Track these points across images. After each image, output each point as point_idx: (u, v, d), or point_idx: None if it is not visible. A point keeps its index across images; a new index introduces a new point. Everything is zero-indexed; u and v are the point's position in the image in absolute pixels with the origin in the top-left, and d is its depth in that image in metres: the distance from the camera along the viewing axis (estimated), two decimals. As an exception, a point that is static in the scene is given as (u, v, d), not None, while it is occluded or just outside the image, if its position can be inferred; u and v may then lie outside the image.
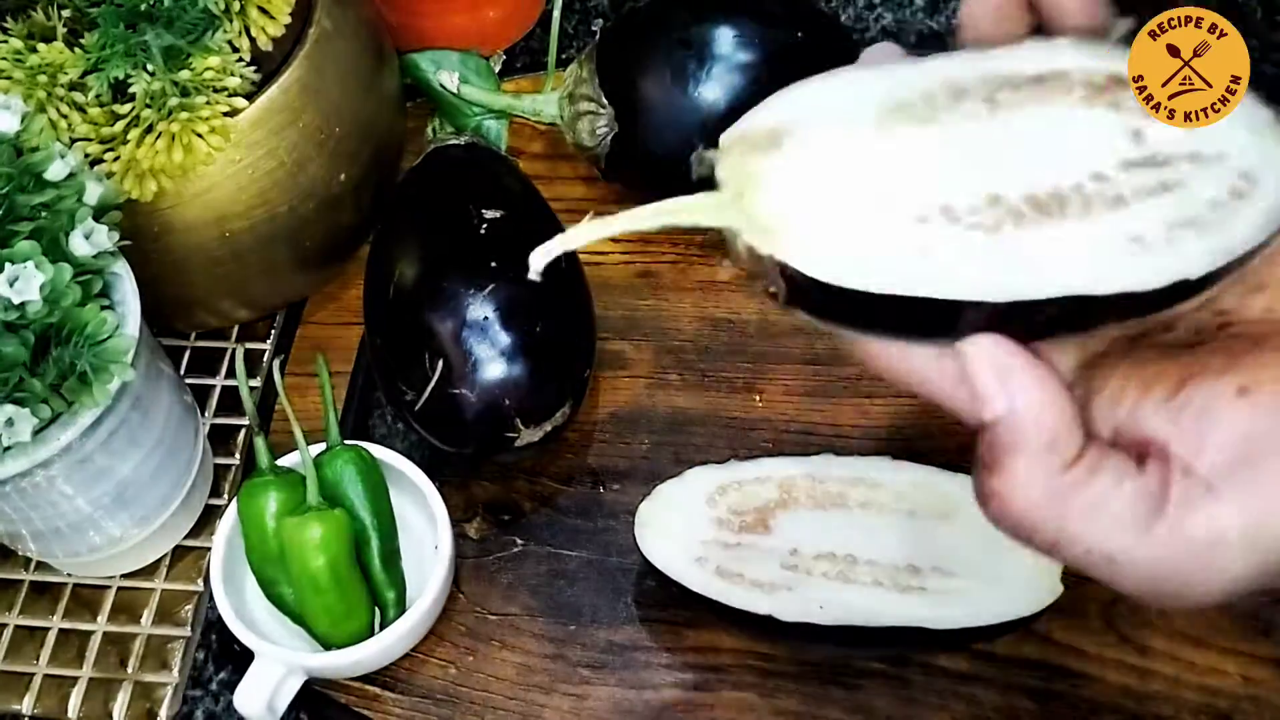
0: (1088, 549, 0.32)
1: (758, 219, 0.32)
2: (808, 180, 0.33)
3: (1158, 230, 0.32)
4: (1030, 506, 0.32)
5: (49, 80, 0.53)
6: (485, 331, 0.58)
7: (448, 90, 0.72)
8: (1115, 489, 0.32)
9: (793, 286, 0.32)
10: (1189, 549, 0.31)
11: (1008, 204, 0.32)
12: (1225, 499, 0.31)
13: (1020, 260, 0.31)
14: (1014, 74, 0.34)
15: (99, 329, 0.50)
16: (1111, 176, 0.33)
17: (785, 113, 0.34)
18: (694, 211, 0.33)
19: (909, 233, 0.32)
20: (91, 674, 0.60)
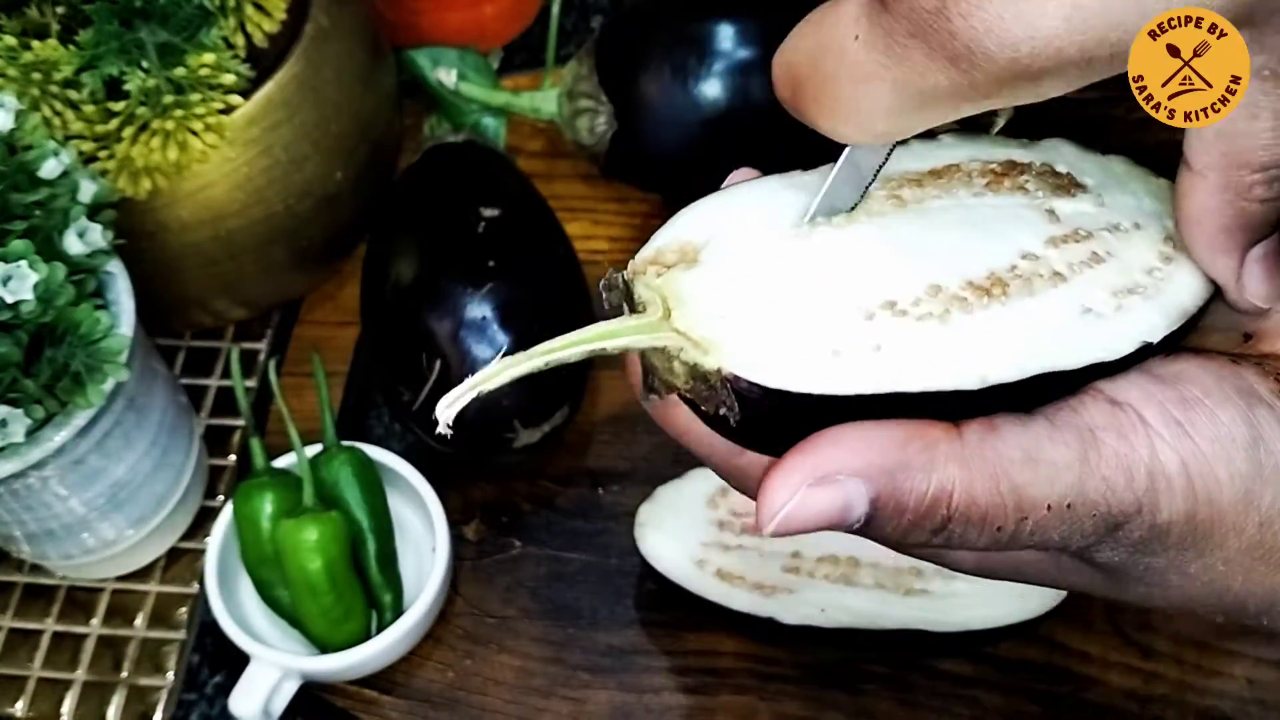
0: (1046, 504, 0.30)
1: (696, 335, 0.30)
2: (740, 289, 0.31)
3: (1106, 299, 0.32)
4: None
5: (43, 77, 0.53)
6: (483, 331, 0.58)
7: (445, 87, 0.72)
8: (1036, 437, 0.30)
9: (747, 401, 0.29)
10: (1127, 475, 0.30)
11: (950, 292, 0.31)
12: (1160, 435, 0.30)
13: (983, 345, 0.30)
14: (910, 170, 0.34)
15: (93, 329, 0.49)
16: (1042, 254, 0.32)
17: (695, 229, 0.32)
18: (623, 335, 0.31)
19: (861, 330, 0.30)
20: (86, 677, 0.60)
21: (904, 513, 0.29)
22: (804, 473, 0.29)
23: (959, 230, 0.32)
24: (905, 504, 0.29)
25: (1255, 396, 0.31)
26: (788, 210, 0.33)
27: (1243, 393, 0.31)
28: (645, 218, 0.71)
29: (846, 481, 0.29)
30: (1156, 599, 0.33)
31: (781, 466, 0.29)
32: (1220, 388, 0.31)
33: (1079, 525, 0.30)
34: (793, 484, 0.29)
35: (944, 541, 0.30)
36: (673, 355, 0.30)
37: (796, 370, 0.29)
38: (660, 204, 0.71)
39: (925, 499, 0.29)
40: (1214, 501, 0.30)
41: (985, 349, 0.30)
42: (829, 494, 0.29)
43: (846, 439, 0.29)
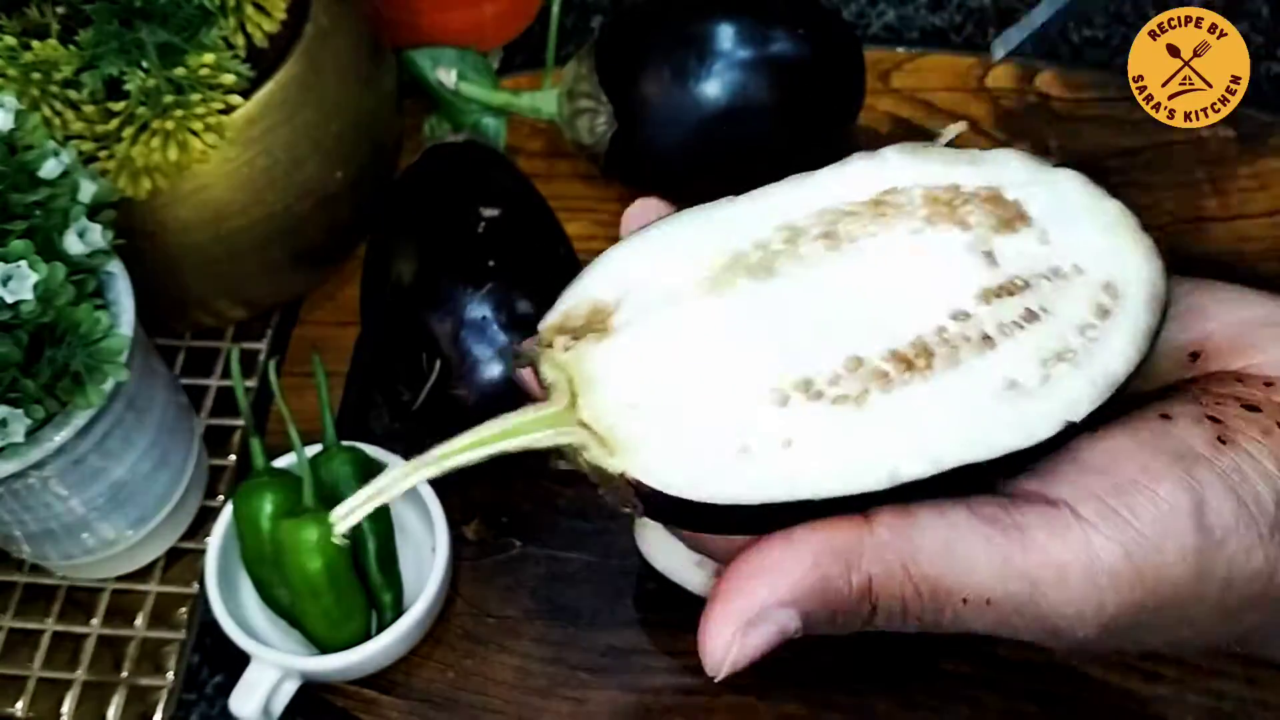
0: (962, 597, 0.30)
1: (601, 432, 0.29)
2: (648, 372, 0.30)
3: (1032, 370, 0.30)
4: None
5: (43, 77, 0.53)
6: (483, 331, 0.58)
7: (445, 87, 0.72)
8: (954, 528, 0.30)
9: (651, 503, 0.29)
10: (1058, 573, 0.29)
11: (870, 365, 0.30)
12: (1097, 529, 0.30)
13: (894, 435, 0.29)
14: (848, 202, 0.32)
15: (93, 329, 0.49)
16: (973, 312, 0.31)
17: (607, 286, 0.31)
18: (524, 434, 0.30)
19: (771, 424, 0.29)
20: (86, 677, 0.60)
21: (834, 618, 0.30)
22: (735, 620, 0.30)
23: (888, 283, 0.31)
24: (833, 611, 0.30)
25: (1192, 458, 0.30)
26: (706, 257, 0.31)
27: (1180, 457, 0.30)
28: (645, 218, 0.71)
29: (776, 614, 0.30)
30: (1131, 650, 0.33)
31: (713, 619, 0.30)
32: (1155, 461, 0.30)
33: (1004, 620, 0.30)
34: (729, 634, 0.30)
35: (872, 627, 0.31)
36: (577, 452, 0.30)
37: (702, 477, 0.28)
38: (660, 204, 0.71)
39: (850, 602, 0.30)
40: (1164, 581, 0.29)
41: (898, 439, 0.29)
42: (764, 631, 0.30)
43: (767, 571, 0.30)
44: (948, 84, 0.76)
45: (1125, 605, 0.29)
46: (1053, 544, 0.29)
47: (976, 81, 0.76)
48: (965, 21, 0.80)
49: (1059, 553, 0.29)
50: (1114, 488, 0.30)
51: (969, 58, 0.76)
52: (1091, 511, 0.30)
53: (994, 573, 0.29)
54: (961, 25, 0.80)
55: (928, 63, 0.76)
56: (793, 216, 0.32)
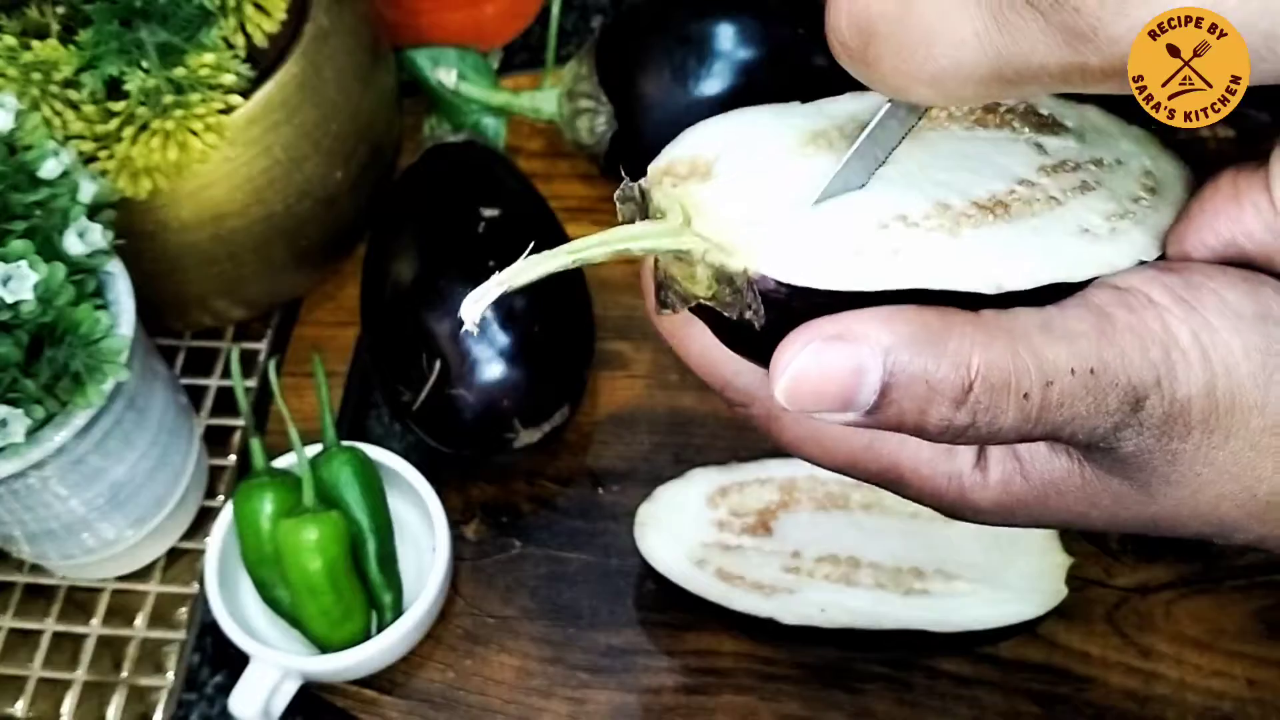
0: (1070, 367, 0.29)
1: (720, 238, 0.30)
2: (755, 198, 0.31)
3: (1100, 222, 0.32)
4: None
5: (43, 78, 0.53)
6: (483, 331, 0.58)
7: (445, 87, 0.72)
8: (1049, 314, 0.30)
9: (772, 303, 0.29)
10: (1140, 342, 0.29)
11: (957, 209, 0.31)
12: (1169, 310, 0.30)
13: (994, 254, 0.30)
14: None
15: (93, 329, 0.49)
16: (1037, 181, 0.33)
17: (704, 145, 0.33)
18: (647, 238, 0.30)
19: (878, 237, 0.30)
20: (86, 677, 0.60)
21: (922, 379, 0.28)
22: (816, 332, 0.28)
23: (957, 158, 0.33)
24: (923, 369, 0.28)
25: (1261, 280, 0.31)
26: (790, 131, 0.33)
27: (1248, 277, 0.31)
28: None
29: (861, 342, 0.28)
30: (1188, 510, 0.32)
31: (795, 331, 0.29)
32: (1224, 272, 0.31)
33: (1103, 399, 0.29)
34: (806, 338, 0.28)
35: (968, 419, 0.29)
36: (695, 260, 0.30)
37: (822, 269, 0.29)
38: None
39: (944, 362, 0.28)
40: (1231, 373, 0.29)
41: (997, 258, 0.30)
42: (842, 352, 0.28)
43: (864, 311, 0.29)
44: (948, 84, 0.76)
45: (1196, 385, 0.29)
46: (1134, 319, 0.30)
47: (976, 81, 0.75)
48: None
49: (1140, 326, 0.29)
50: (1184, 282, 0.30)
51: (969, 58, 0.76)
52: (1163, 296, 0.30)
53: (1092, 344, 0.29)
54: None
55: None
56: (859, 112, 0.34)
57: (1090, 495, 0.32)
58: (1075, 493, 0.32)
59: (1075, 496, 0.32)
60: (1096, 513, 0.33)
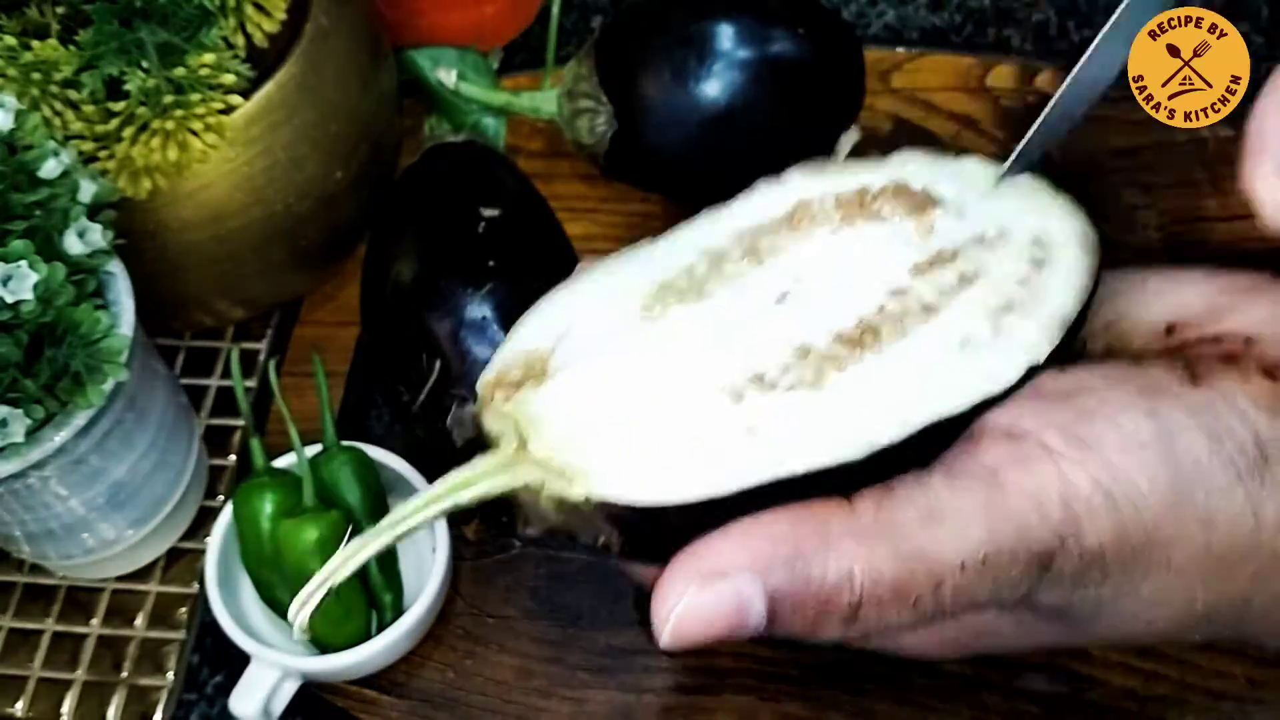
0: (959, 562, 0.27)
1: (557, 462, 0.28)
2: (595, 399, 0.29)
3: (981, 325, 0.30)
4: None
5: (43, 77, 0.53)
6: (483, 331, 0.58)
7: (445, 87, 0.72)
8: (934, 494, 0.28)
9: (625, 525, 0.27)
10: (1038, 506, 0.28)
11: (820, 352, 0.29)
12: (1064, 456, 0.28)
13: (860, 406, 0.28)
14: (763, 221, 0.32)
15: (93, 329, 0.49)
16: (909, 287, 0.31)
17: (538, 336, 0.31)
18: (479, 482, 0.29)
19: (730, 416, 0.28)
20: (86, 677, 0.60)
21: (807, 603, 0.27)
22: (689, 576, 0.27)
23: (819, 280, 0.31)
24: (806, 593, 0.27)
25: (1159, 391, 0.29)
26: (633, 291, 0.31)
27: (1145, 391, 0.29)
28: (645, 218, 0.71)
29: (737, 577, 0.27)
30: (1129, 635, 0.31)
31: (667, 574, 0.27)
32: (1118, 392, 0.29)
33: (1004, 575, 0.28)
34: (679, 589, 0.27)
35: (862, 632, 0.28)
36: (536, 490, 0.28)
37: (668, 480, 0.27)
38: (661, 204, 0.71)
39: (826, 583, 0.27)
40: (1141, 510, 0.28)
41: (865, 410, 0.28)
42: (719, 592, 0.27)
43: (731, 536, 0.27)
44: (948, 84, 0.76)
45: (1105, 536, 0.28)
46: (1026, 479, 0.28)
47: (977, 81, 0.75)
48: (965, 21, 0.80)
49: (1034, 486, 0.28)
50: (1077, 416, 0.29)
51: (969, 58, 0.76)
52: (1056, 440, 0.28)
53: (981, 527, 0.28)
54: (961, 25, 0.80)
55: (928, 63, 0.76)
56: (713, 243, 0.32)
57: (1024, 632, 0.31)
58: (1009, 634, 0.32)
59: (1007, 637, 0.32)
60: (1034, 642, 0.32)
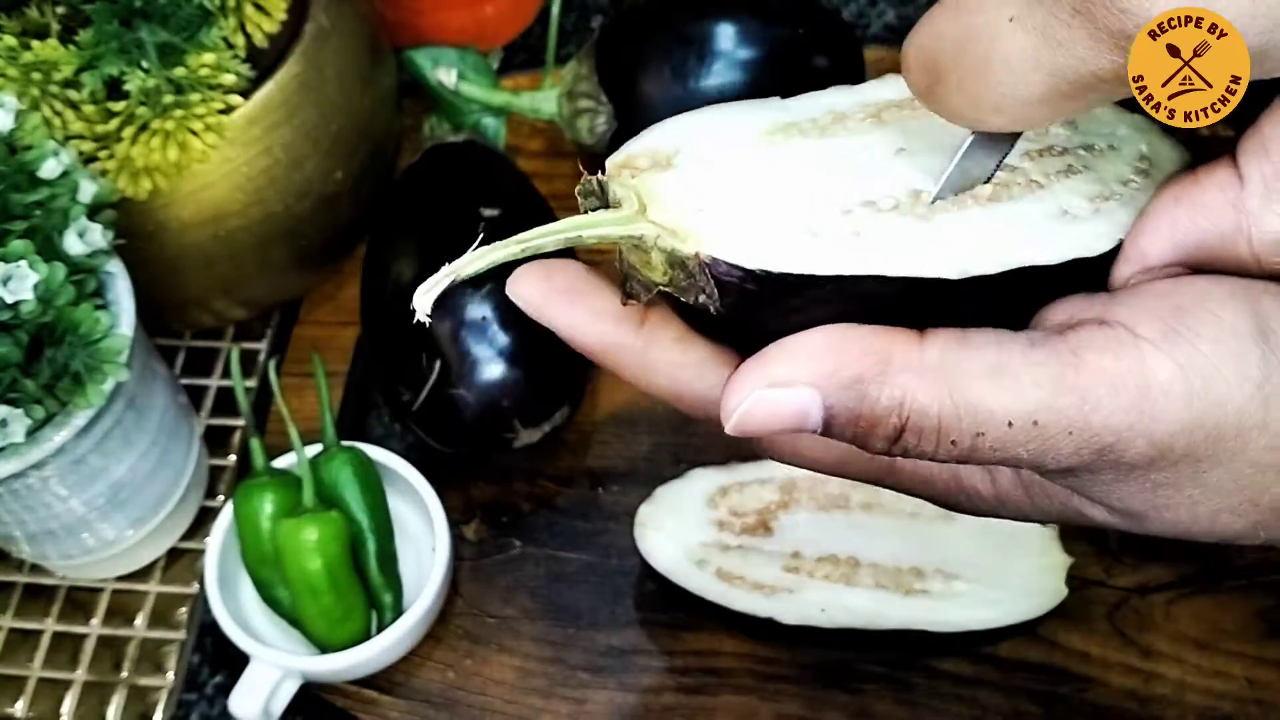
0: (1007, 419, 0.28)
1: (672, 223, 0.30)
2: (714, 185, 0.31)
3: (1082, 204, 0.32)
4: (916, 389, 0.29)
5: (43, 78, 0.53)
6: (483, 331, 0.58)
7: (445, 87, 0.72)
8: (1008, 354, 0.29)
9: (726, 287, 0.29)
10: (1111, 386, 0.28)
11: (929, 196, 0.31)
12: (1155, 345, 0.29)
13: (961, 239, 0.30)
14: (890, 98, 0.34)
15: (93, 329, 0.49)
16: (1019, 165, 0.32)
17: (668, 138, 0.32)
18: (598, 225, 0.30)
19: (837, 220, 0.30)
20: (86, 677, 0.60)
21: (858, 421, 0.29)
22: (760, 377, 0.29)
23: (938, 146, 0.32)
24: (858, 413, 0.29)
25: (1259, 289, 0.30)
26: (758, 123, 0.33)
27: (1246, 288, 0.30)
28: (645, 218, 0.71)
29: (800, 389, 0.29)
30: (1184, 525, 0.31)
31: (736, 375, 0.29)
32: (1219, 288, 0.30)
33: (1051, 444, 0.29)
34: (750, 385, 0.29)
35: (903, 451, 0.30)
36: (649, 246, 0.30)
37: (774, 251, 0.29)
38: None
39: (878, 408, 0.29)
40: (1224, 403, 0.28)
41: (966, 242, 0.30)
42: (782, 397, 0.29)
43: (804, 346, 0.29)
44: (948, 84, 0.76)
45: (1179, 423, 0.28)
46: (1107, 360, 0.28)
47: (976, 81, 0.75)
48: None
49: (1113, 367, 0.28)
50: (1174, 308, 0.29)
51: (969, 58, 0.76)
52: (1150, 330, 0.29)
53: (1044, 394, 0.28)
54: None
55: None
56: (839, 105, 0.33)
57: (1078, 509, 0.32)
58: (1063, 502, 0.32)
59: (1064, 505, 0.32)
60: (1088, 520, 0.32)
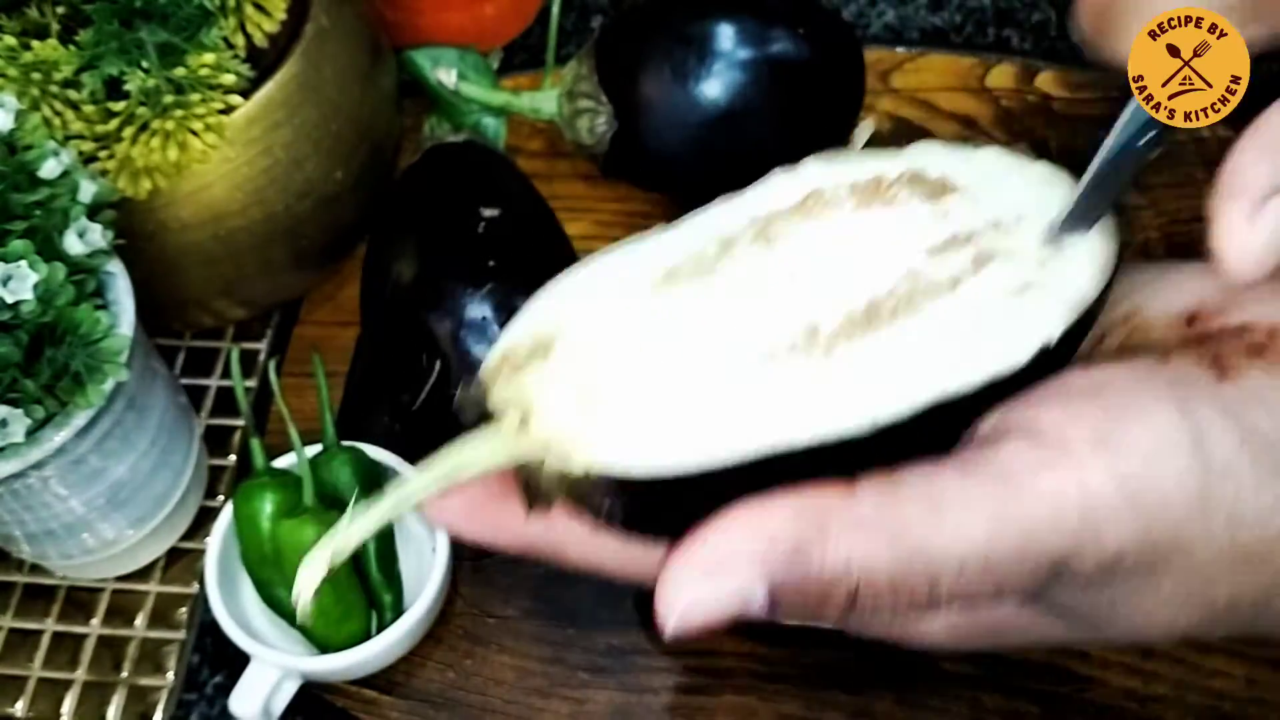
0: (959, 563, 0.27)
1: (557, 437, 0.28)
2: (597, 372, 0.28)
3: (996, 304, 0.29)
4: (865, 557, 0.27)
5: (43, 77, 0.53)
6: (483, 331, 0.58)
7: (445, 87, 0.72)
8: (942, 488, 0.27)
9: (626, 497, 0.27)
10: (1053, 512, 0.27)
11: (828, 329, 0.29)
12: (1087, 459, 0.27)
13: (866, 380, 0.28)
14: (775, 208, 0.32)
15: (93, 329, 0.49)
16: (923, 269, 0.30)
17: (544, 318, 0.30)
18: (479, 457, 0.28)
19: (734, 388, 0.28)
20: (86, 677, 0.60)
21: (806, 592, 0.27)
22: (692, 570, 0.27)
23: (831, 264, 0.30)
24: (805, 583, 0.27)
25: (1189, 385, 0.28)
26: (640, 278, 0.30)
27: (1175, 385, 0.28)
28: (645, 218, 0.71)
29: (738, 571, 0.27)
30: (1145, 632, 0.30)
31: (669, 566, 0.27)
32: (1148, 387, 0.28)
33: (1009, 576, 0.27)
34: (682, 583, 0.27)
35: (861, 620, 0.28)
36: (538, 465, 0.28)
37: (668, 450, 0.27)
38: (661, 203, 0.71)
39: (825, 574, 0.27)
40: (1166, 513, 0.27)
41: (869, 386, 0.28)
42: (721, 586, 0.27)
43: (734, 525, 0.27)
44: (948, 84, 0.76)
45: (1126, 539, 0.27)
46: (1043, 482, 0.27)
47: (977, 81, 0.75)
48: (965, 21, 0.80)
49: (1051, 490, 0.27)
50: (1104, 414, 0.28)
51: (969, 58, 0.76)
52: (1080, 440, 0.28)
53: (987, 529, 0.27)
54: (961, 25, 0.80)
55: (928, 63, 0.76)
56: (724, 230, 0.31)
57: (1037, 632, 0.31)
58: (1022, 629, 0.31)
59: (1022, 632, 0.31)
60: (1049, 640, 0.31)
